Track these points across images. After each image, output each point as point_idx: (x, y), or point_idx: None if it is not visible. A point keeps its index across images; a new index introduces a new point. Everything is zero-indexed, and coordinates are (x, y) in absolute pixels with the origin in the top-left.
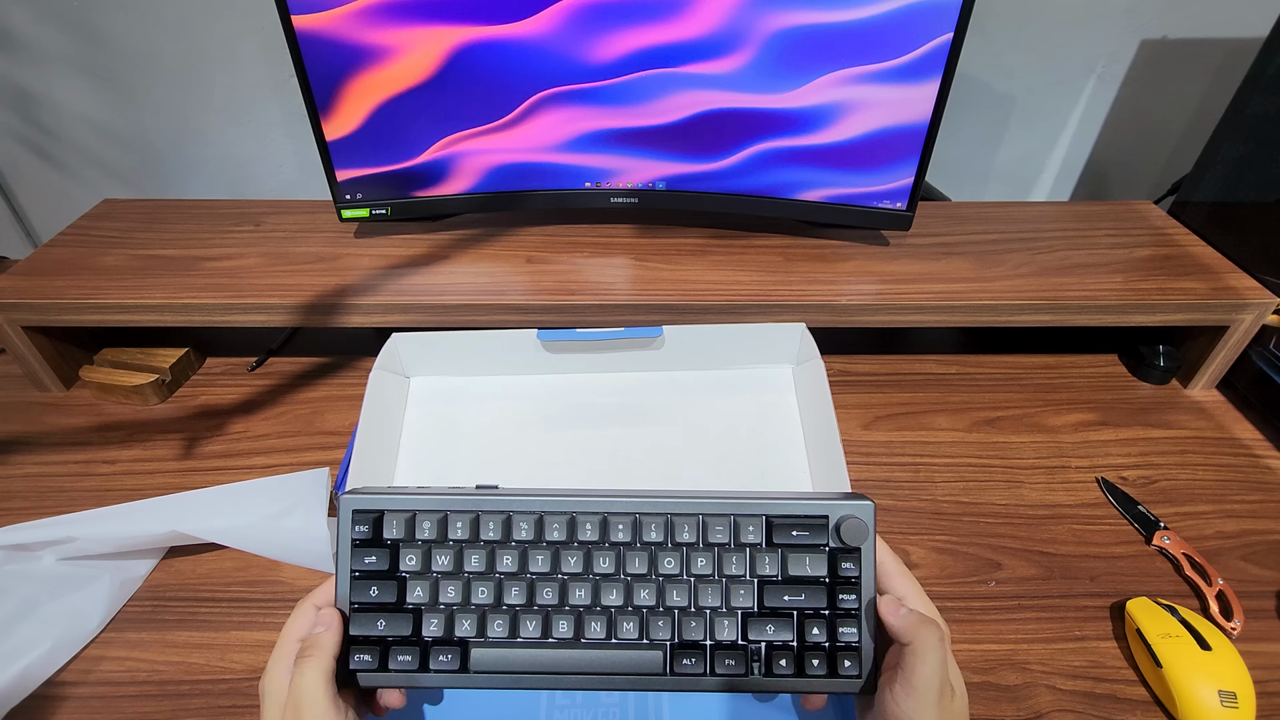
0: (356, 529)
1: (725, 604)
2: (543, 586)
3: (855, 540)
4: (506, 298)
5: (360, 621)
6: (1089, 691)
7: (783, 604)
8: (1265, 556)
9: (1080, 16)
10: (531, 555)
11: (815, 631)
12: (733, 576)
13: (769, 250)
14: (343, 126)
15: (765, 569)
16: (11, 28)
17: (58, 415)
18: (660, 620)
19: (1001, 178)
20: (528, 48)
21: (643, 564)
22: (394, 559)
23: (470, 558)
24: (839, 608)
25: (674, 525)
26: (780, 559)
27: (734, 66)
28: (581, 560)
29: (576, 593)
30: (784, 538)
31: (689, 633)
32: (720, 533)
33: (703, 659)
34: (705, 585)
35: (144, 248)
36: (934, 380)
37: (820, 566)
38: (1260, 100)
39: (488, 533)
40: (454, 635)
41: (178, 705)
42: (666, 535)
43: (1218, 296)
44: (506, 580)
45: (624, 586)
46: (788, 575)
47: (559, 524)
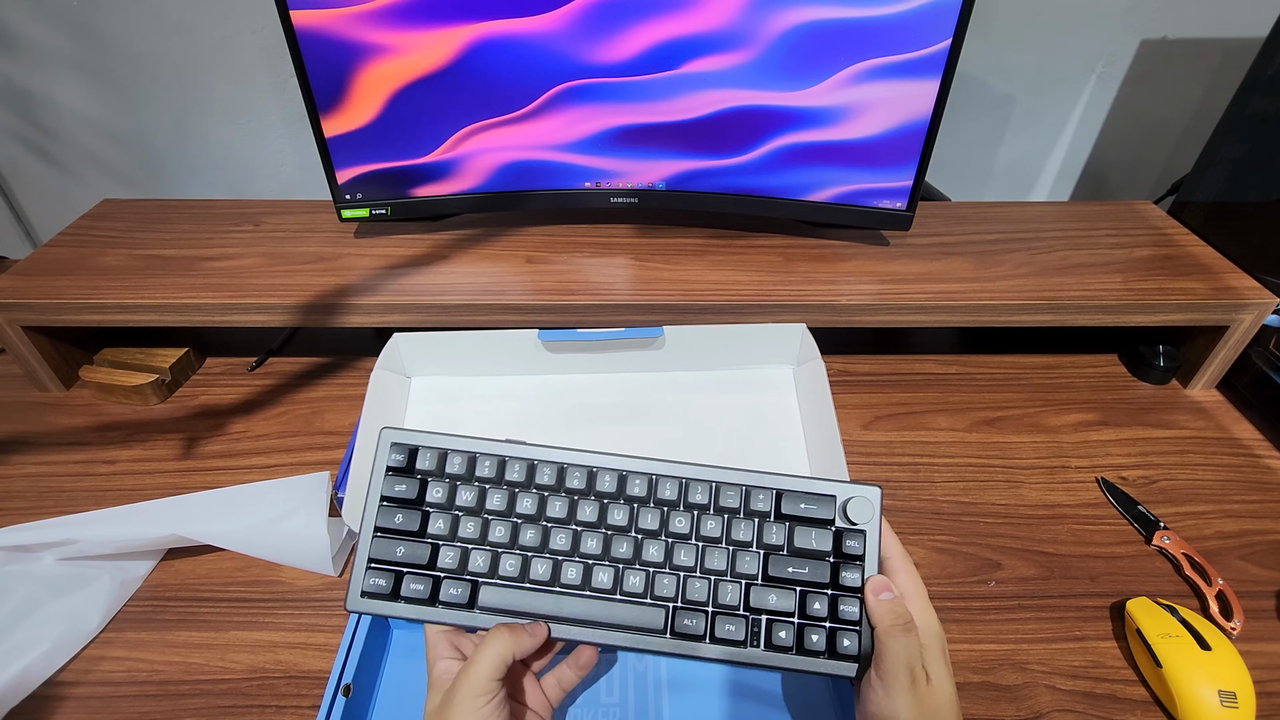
0: (393, 456)
1: (731, 569)
2: (557, 532)
3: (861, 519)
4: (506, 298)
5: (380, 546)
6: (1089, 691)
7: (786, 575)
8: (1265, 556)
9: (1080, 16)
10: (550, 501)
11: (817, 606)
12: (740, 543)
13: (769, 250)
14: (356, 118)
15: (772, 538)
16: (11, 28)
17: (57, 415)
18: (666, 578)
19: (1001, 178)
20: (549, 41)
21: (654, 520)
22: (421, 490)
23: (492, 496)
24: (841, 585)
25: (688, 488)
26: (787, 531)
27: (754, 60)
28: (597, 510)
29: (588, 541)
30: (792, 509)
31: (693, 592)
32: (731, 498)
33: (704, 621)
34: (712, 549)
35: (144, 248)
36: (934, 380)
37: (825, 541)
38: (1260, 100)
39: (512, 474)
40: (467, 569)
41: (177, 705)
42: (680, 496)
43: (1217, 296)
44: (524, 522)
45: (634, 541)
46: (793, 547)
47: (579, 475)
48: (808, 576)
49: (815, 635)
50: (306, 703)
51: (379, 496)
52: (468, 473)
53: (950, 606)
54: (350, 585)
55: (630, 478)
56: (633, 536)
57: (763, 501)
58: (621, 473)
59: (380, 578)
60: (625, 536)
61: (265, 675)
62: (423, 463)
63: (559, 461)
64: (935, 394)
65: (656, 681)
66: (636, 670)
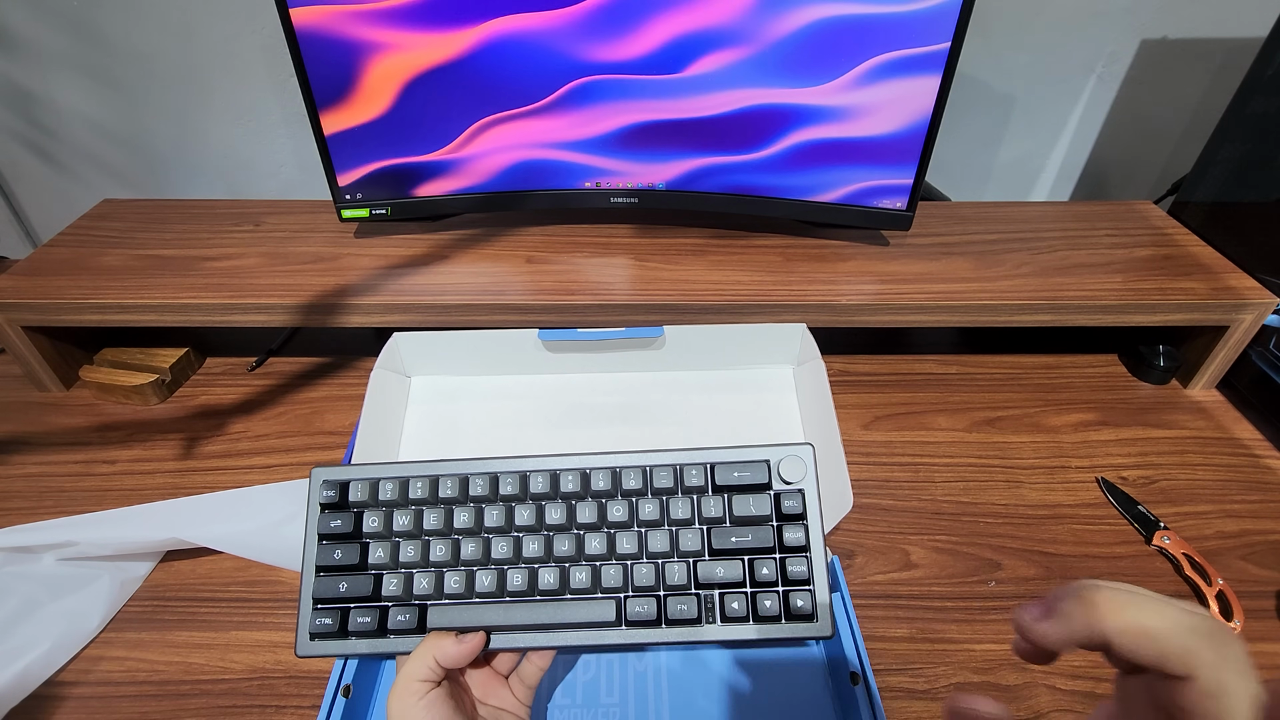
0: (324, 493)
1: (675, 549)
2: (498, 541)
3: (794, 476)
4: (506, 298)
5: (323, 585)
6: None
7: (731, 545)
8: (1265, 556)
9: (1080, 16)
10: (487, 511)
11: (765, 571)
12: (680, 520)
13: (769, 250)
14: (368, 110)
15: (711, 511)
16: (11, 28)
17: (57, 415)
18: (611, 568)
19: (1001, 178)
20: (565, 36)
21: (592, 513)
22: (358, 522)
23: (429, 516)
24: (786, 545)
25: (620, 475)
26: (725, 501)
27: (773, 57)
28: (534, 513)
29: (530, 545)
30: (726, 479)
31: (640, 578)
32: (665, 478)
33: (655, 605)
34: (654, 531)
35: (144, 248)
36: (934, 380)
37: (764, 505)
38: (1260, 100)
39: (445, 491)
40: (412, 594)
41: (177, 705)
42: (614, 485)
43: (1218, 296)
44: (463, 537)
45: (575, 537)
46: (734, 516)
47: (512, 480)
48: (752, 543)
49: (768, 600)
50: (307, 703)
51: (315, 535)
52: (401, 497)
53: (950, 606)
54: (298, 630)
55: (563, 475)
56: (573, 533)
57: (696, 476)
58: (554, 471)
59: (326, 616)
60: (566, 534)
61: (265, 675)
62: (355, 495)
63: (490, 471)
64: (935, 394)
65: (657, 682)
66: (636, 670)
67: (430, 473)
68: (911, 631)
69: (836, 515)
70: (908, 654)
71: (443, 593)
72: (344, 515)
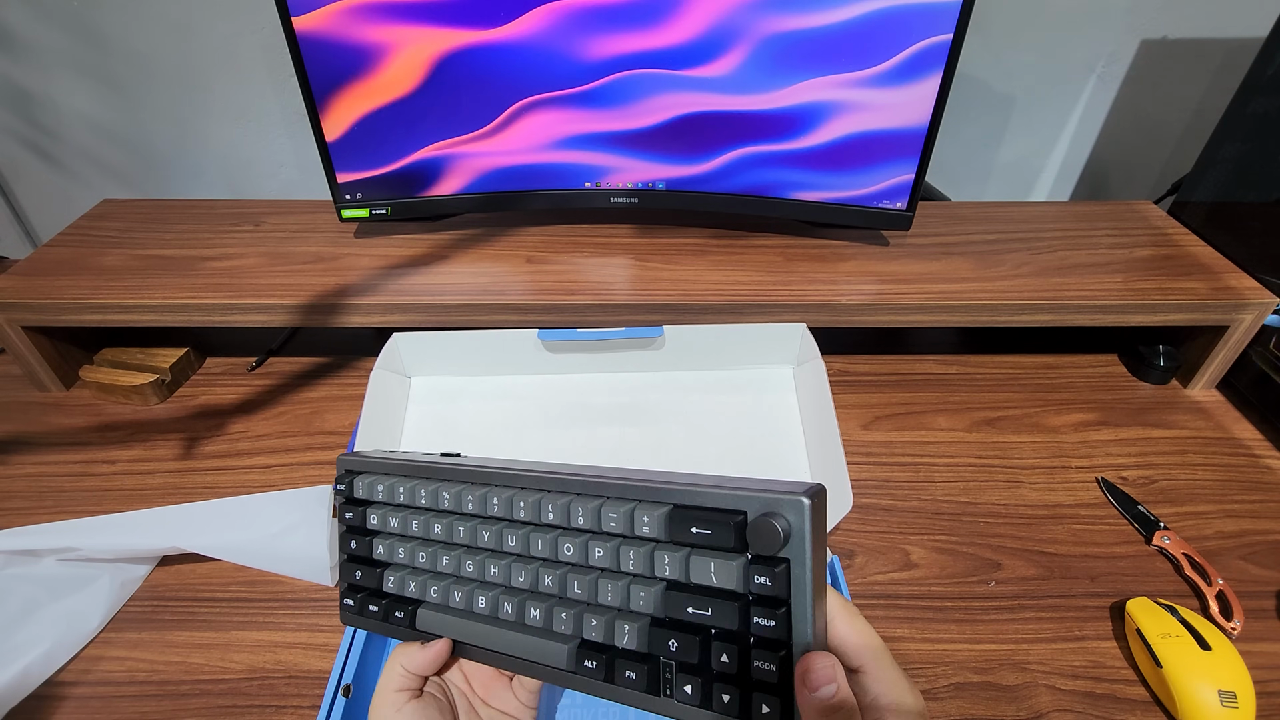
0: (338, 485)
1: (626, 604)
2: (466, 558)
3: (766, 548)
4: (506, 298)
5: (346, 570)
6: (1089, 691)
7: (686, 616)
8: (1265, 556)
9: (1080, 16)
10: (456, 526)
11: (724, 658)
12: (634, 574)
13: (769, 250)
14: (333, 131)
15: (665, 569)
16: (11, 28)
17: (57, 415)
18: (564, 612)
19: (1001, 178)
20: (511, 52)
21: (546, 547)
22: (363, 518)
23: (411, 523)
24: (755, 632)
25: (571, 508)
26: (684, 561)
27: (716, 71)
28: (495, 536)
29: (491, 569)
30: (683, 535)
31: (589, 631)
32: (614, 521)
33: (604, 665)
34: (606, 580)
35: (144, 248)
36: (934, 380)
37: (730, 577)
38: (1260, 100)
39: (419, 500)
40: (406, 593)
41: (177, 705)
42: (566, 518)
43: (1218, 296)
44: (442, 548)
45: (532, 570)
46: (692, 582)
47: (473, 497)
48: (711, 619)
49: (725, 695)
50: (306, 703)
51: (343, 523)
52: (390, 498)
53: (950, 606)
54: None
55: (517, 496)
56: (529, 566)
57: (648, 525)
58: (513, 491)
59: (350, 598)
60: (524, 564)
61: (265, 675)
62: (358, 491)
63: (465, 481)
64: (935, 394)
65: None
66: None
67: (416, 474)
68: (911, 631)
69: (836, 515)
70: (907, 654)
71: (426, 598)
72: (354, 509)
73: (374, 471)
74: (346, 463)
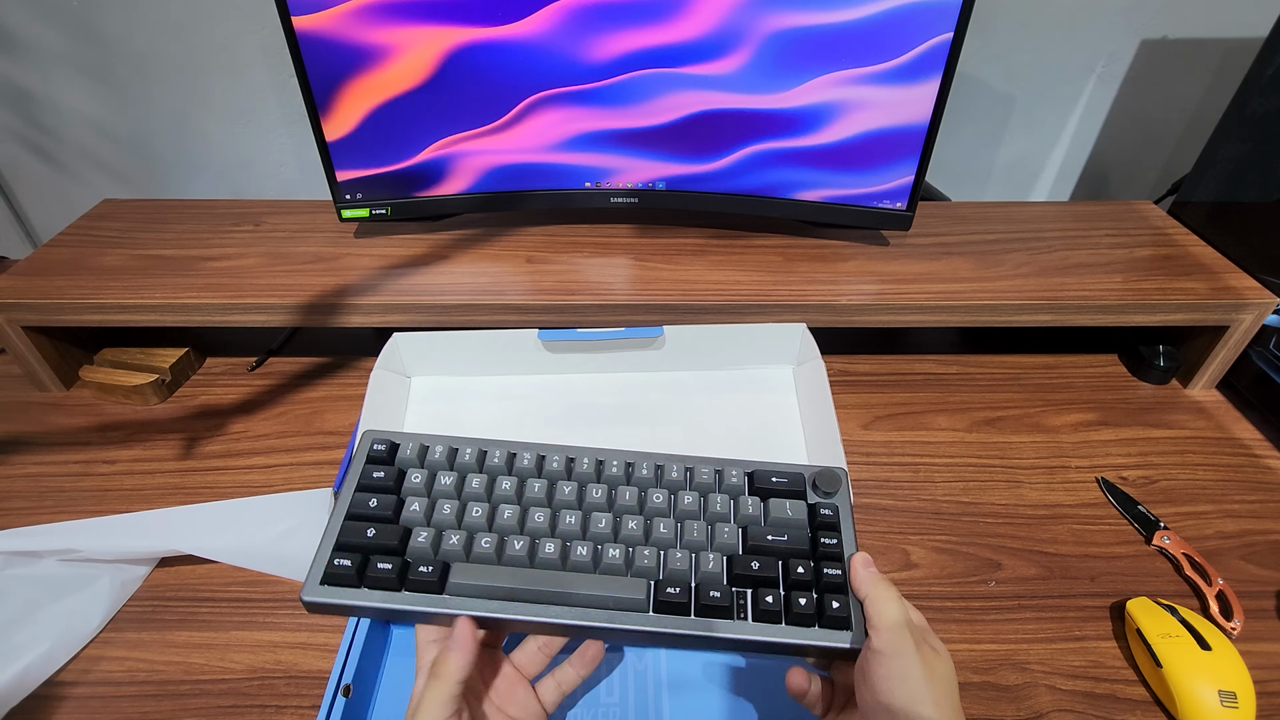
0: (374, 448)
1: (710, 541)
2: (535, 511)
3: (829, 486)
4: (506, 298)
5: (350, 529)
6: (1089, 691)
7: (766, 543)
8: (1265, 556)
9: (1080, 16)
10: (529, 483)
11: (800, 570)
12: (717, 515)
13: (769, 250)
14: (340, 128)
15: (748, 510)
16: (11, 28)
17: (57, 415)
18: (646, 551)
19: (1001, 178)
20: (521, 49)
21: (633, 498)
22: (400, 478)
23: (471, 481)
24: (821, 551)
25: (663, 468)
26: (763, 503)
27: (728, 68)
28: (576, 491)
29: (567, 518)
30: (764, 483)
31: (674, 564)
32: (706, 475)
33: (688, 592)
34: (692, 522)
35: (144, 248)
36: (934, 380)
37: (800, 511)
38: (1260, 100)
39: (492, 460)
40: (439, 550)
41: (177, 705)
42: (656, 475)
43: (1218, 296)
44: (503, 503)
45: (613, 517)
46: (770, 519)
47: (558, 459)
48: (788, 544)
49: (803, 599)
50: (306, 703)
51: (354, 485)
52: (448, 460)
53: (950, 606)
54: (309, 575)
55: (608, 461)
56: (611, 514)
57: (735, 476)
58: (599, 458)
59: (346, 559)
60: (604, 514)
61: (265, 675)
62: (404, 453)
63: (538, 448)
64: (935, 394)
65: (657, 682)
66: (636, 670)
67: (480, 446)
68: None
69: None
70: None
71: (471, 553)
72: (388, 469)
73: (420, 439)
74: (376, 435)
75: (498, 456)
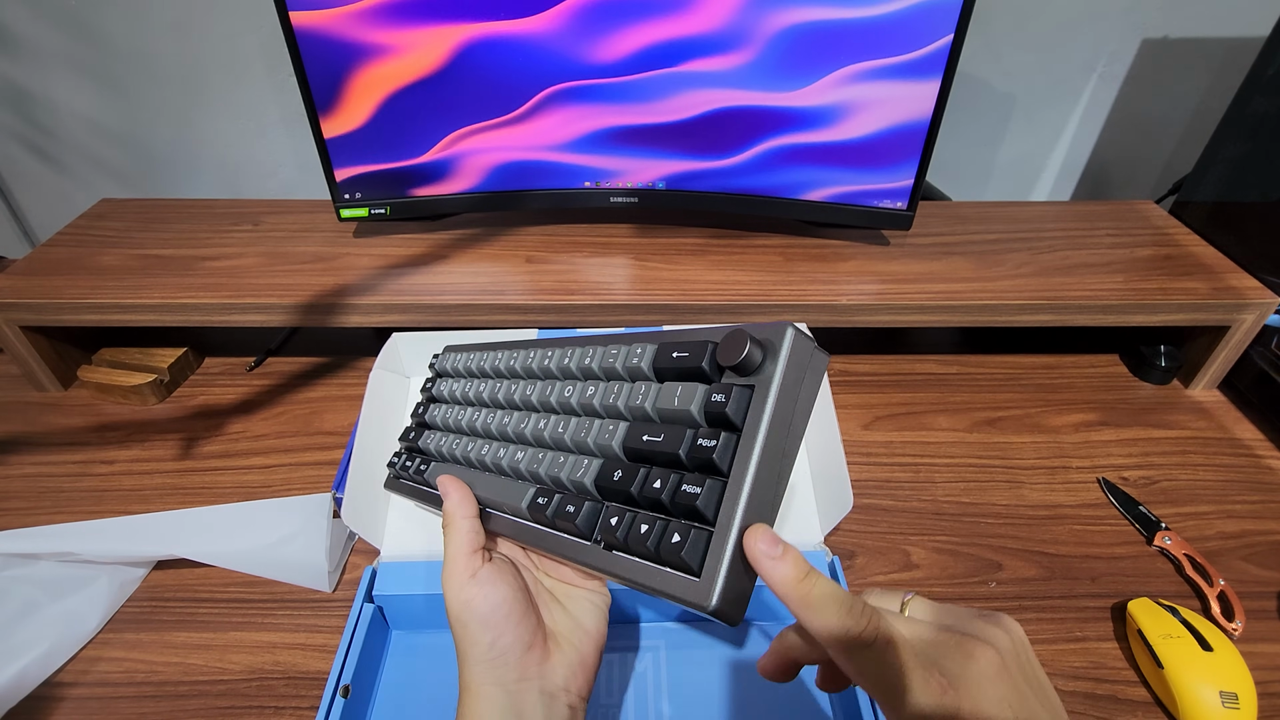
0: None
1: (592, 441)
2: (483, 411)
3: (732, 358)
4: (506, 298)
5: (405, 434)
6: (1090, 692)
7: (641, 444)
8: (1266, 557)
9: (1081, 16)
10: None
11: (656, 485)
12: (612, 410)
13: (769, 250)
14: (349, 121)
15: (638, 400)
16: (10, 27)
17: (56, 415)
18: (520, 452)
19: (1002, 177)
20: (538, 43)
21: (555, 394)
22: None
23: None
24: (694, 459)
25: (582, 352)
26: (658, 389)
27: (745, 62)
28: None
29: (502, 419)
30: (665, 361)
31: (555, 469)
32: (614, 356)
33: (557, 503)
34: (581, 420)
35: (142, 247)
36: (934, 380)
37: (689, 399)
38: (1261, 100)
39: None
40: (433, 449)
41: (175, 706)
42: (580, 363)
43: (1219, 296)
44: (468, 408)
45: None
46: (658, 409)
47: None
48: (660, 446)
49: (644, 526)
50: (305, 704)
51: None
52: (457, 368)
53: None
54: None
55: (544, 351)
56: (521, 414)
57: (639, 356)
58: (544, 349)
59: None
60: (514, 413)
61: (264, 676)
62: (446, 363)
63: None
64: (936, 394)
65: (656, 682)
66: (636, 670)
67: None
68: None
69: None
70: None
71: (444, 451)
72: (433, 381)
73: (467, 349)
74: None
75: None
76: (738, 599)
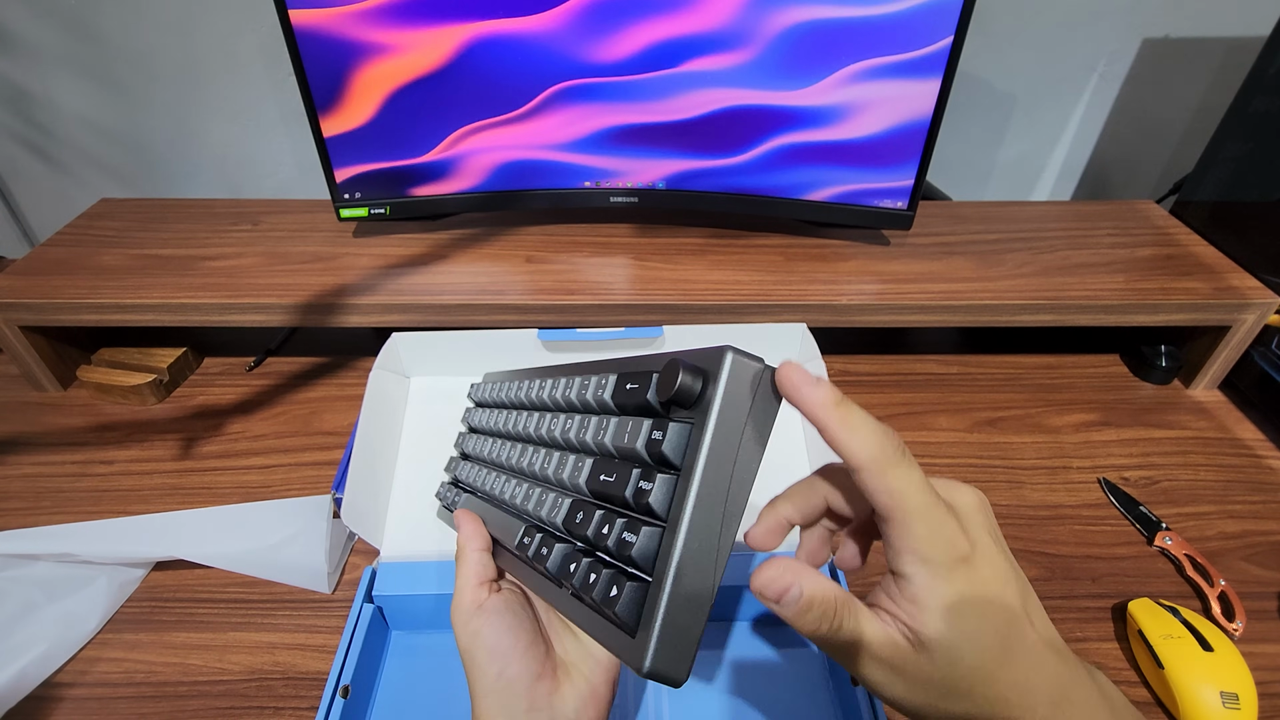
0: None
1: (567, 476)
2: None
3: (666, 392)
4: (506, 298)
5: (450, 465)
6: None
7: (599, 484)
8: (1267, 557)
9: (1081, 15)
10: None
11: (605, 530)
12: (583, 442)
13: (769, 250)
14: (349, 120)
15: (602, 434)
16: (10, 27)
17: (55, 415)
18: (519, 486)
19: (1003, 177)
20: (544, 41)
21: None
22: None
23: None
24: (632, 499)
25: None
26: (615, 423)
27: (748, 61)
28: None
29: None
30: (620, 395)
31: (537, 506)
32: (585, 388)
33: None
34: (562, 454)
35: (142, 247)
36: (934, 380)
37: (636, 435)
38: (1262, 99)
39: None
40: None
41: (175, 707)
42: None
43: (1219, 296)
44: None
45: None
46: (615, 444)
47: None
48: (611, 489)
49: (593, 575)
50: (305, 704)
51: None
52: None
53: None
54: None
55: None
56: (520, 444)
57: (602, 388)
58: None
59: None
60: (513, 445)
61: (263, 677)
62: (484, 393)
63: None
64: (936, 394)
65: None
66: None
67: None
68: None
69: None
70: None
71: (468, 481)
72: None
73: (497, 378)
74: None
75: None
76: (678, 657)
